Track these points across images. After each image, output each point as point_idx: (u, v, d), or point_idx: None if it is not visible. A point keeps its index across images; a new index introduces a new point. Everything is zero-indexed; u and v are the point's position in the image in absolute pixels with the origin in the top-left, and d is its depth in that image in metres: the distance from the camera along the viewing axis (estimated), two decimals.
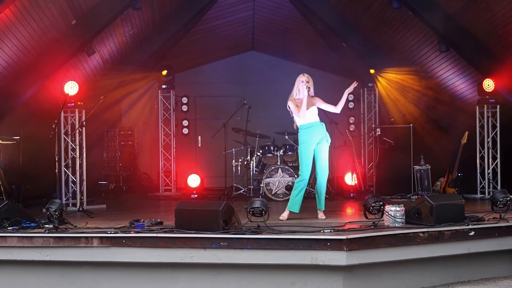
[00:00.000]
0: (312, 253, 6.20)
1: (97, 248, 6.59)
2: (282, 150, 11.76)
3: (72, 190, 10.20)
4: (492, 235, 6.86)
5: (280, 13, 13.66)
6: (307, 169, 8.03)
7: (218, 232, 6.46)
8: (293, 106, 8.03)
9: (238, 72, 15.46)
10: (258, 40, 15.58)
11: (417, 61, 12.77)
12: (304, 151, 8.06)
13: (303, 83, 8.02)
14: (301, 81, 8.06)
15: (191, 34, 13.88)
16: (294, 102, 8.06)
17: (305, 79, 8.06)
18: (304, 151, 8.06)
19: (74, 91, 9.92)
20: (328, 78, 15.00)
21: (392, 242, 6.41)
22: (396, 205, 6.95)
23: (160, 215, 8.55)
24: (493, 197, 7.60)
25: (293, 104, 8.04)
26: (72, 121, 10.26)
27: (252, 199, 6.99)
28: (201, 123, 15.58)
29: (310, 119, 8.04)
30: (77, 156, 10.17)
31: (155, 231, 6.73)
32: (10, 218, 7.06)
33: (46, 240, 6.67)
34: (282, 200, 11.15)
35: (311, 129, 8.04)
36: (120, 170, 14.56)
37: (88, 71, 12.01)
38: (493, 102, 11.27)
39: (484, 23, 10.32)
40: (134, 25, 11.75)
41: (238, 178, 12.50)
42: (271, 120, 12.42)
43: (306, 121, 8.04)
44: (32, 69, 10.11)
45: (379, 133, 12.34)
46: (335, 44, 13.92)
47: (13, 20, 8.78)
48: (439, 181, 11.00)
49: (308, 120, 8.04)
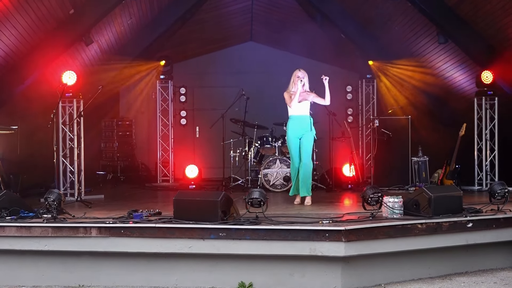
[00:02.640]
0: (311, 244, 6.22)
1: (96, 238, 6.59)
2: (280, 141, 11.75)
3: (70, 180, 10.18)
4: (490, 227, 6.89)
5: (279, 3, 13.62)
6: (295, 157, 8.95)
7: (217, 222, 6.47)
8: (287, 97, 8.93)
9: (236, 63, 15.41)
10: (256, 30, 15.54)
11: (415, 52, 12.75)
12: (289, 140, 9.03)
13: (298, 78, 8.85)
14: (297, 76, 8.89)
15: (189, 24, 13.82)
16: (288, 94, 8.94)
17: (300, 75, 8.90)
18: (289, 140, 9.02)
19: (72, 81, 9.90)
20: (326, 69, 14.94)
21: (391, 233, 6.44)
22: (394, 197, 6.96)
23: (158, 206, 8.54)
24: (491, 188, 7.61)
25: (288, 96, 8.93)
26: (70, 111, 10.23)
27: (250, 190, 6.99)
28: (199, 113, 15.55)
29: (299, 111, 8.91)
30: (75, 146, 10.15)
31: (154, 221, 6.74)
32: (8, 208, 7.06)
33: (44, 230, 6.67)
34: (280, 191, 11.16)
35: (297, 120, 8.92)
36: (118, 160, 14.54)
37: (86, 61, 11.97)
38: (491, 94, 11.26)
39: (483, 15, 10.31)
40: (132, 14, 11.71)
41: (236, 169, 12.49)
42: (269, 111, 12.40)
43: (295, 113, 8.93)
44: (30, 58, 10.07)
45: (377, 124, 12.34)
46: (333, 35, 13.88)
47: (11, 9, 8.74)
48: (436, 173, 11.00)
49: (297, 112, 8.91)
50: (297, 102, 8.82)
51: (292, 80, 8.93)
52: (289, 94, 8.89)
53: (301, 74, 8.88)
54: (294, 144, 8.92)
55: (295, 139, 8.91)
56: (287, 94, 8.93)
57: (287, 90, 8.96)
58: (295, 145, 8.91)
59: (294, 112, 8.91)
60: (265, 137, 11.97)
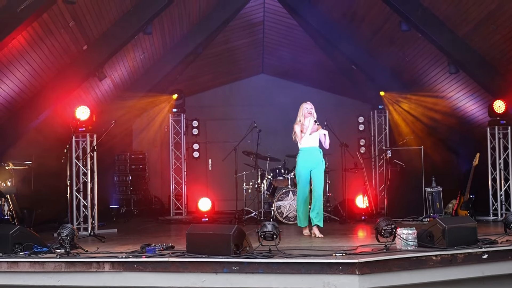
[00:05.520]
0: (324, 277, 6.17)
1: (109, 273, 6.59)
2: (293, 173, 11.67)
3: (83, 215, 10.22)
4: (505, 258, 6.79)
5: (289, 35, 13.73)
6: (304, 188, 8.91)
7: (230, 256, 6.45)
8: (298, 131, 8.88)
9: (248, 95, 15.50)
10: (268, 63, 15.65)
11: (427, 82, 12.77)
12: (299, 172, 8.95)
13: (310, 114, 8.83)
14: (306, 108, 8.89)
15: (201, 58, 13.96)
16: (300, 128, 8.88)
17: (309, 107, 8.88)
18: (299, 172, 8.95)
19: (85, 116, 10.01)
20: (338, 100, 15.05)
21: (405, 266, 6.38)
22: (408, 228, 6.91)
23: (171, 239, 8.55)
24: (506, 219, 7.56)
25: (299, 130, 8.88)
26: (84, 145, 10.31)
27: (263, 223, 6.97)
28: (212, 146, 15.61)
29: (309, 143, 8.88)
30: (89, 181, 10.20)
31: (166, 255, 6.73)
32: (22, 243, 7.10)
33: (57, 265, 6.68)
34: (293, 223, 11.09)
35: (307, 153, 8.89)
36: (131, 193, 14.60)
37: (100, 95, 12.09)
38: (504, 123, 11.23)
39: (494, 45, 10.33)
40: (145, 49, 11.85)
41: (249, 201, 12.48)
42: (281, 143, 12.41)
43: (305, 145, 8.89)
44: (44, 94, 10.18)
45: (389, 155, 12.31)
46: (344, 66, 13.96)
47: (25, 46, 8.89)
48: (451, 203, 10.93)
49: (307, 144, 8.88)
50: (306, 137, 8.82)
51: (301, 112, 8.91)
52: (300, 128, 8.86)
53: (309, 106, 8.88)
54: (304, 175, 8.89)
55: (305, 171, 8.88)
56: (298, 127, 8.88)
57: (297, 123, 8.92)
58: (305, 176, 8.89)
59: (304, 144, 8.89)
60: (278, 169, 11.96)
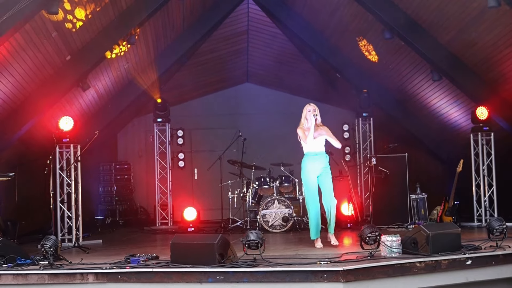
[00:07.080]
0: (309, 285, 6.18)
1: (93, 284, 6.56)
2: (278, 181, 11.75)
3: (67, 226, 10.15)
4: (489, 264, 6.84)
5: (274, 45, 13.76)
6: (314, 196, 8.42)
7: (214, 265, 6.44)
8: (302, 133, 8.39)
9: (233, 104, 15.49)
10: (252, 72, 15.68)
11: (410, 90, 12.85)
12: (306, 179, 8.47)
13: (310, 112, 8.40)
14: (308, 110, 8.44)
15: (186, 68, 13.97)
16: (302, 130, 8.42)
17: (312, 108, 8.43)
18: (306, 179, 8.47)
19: (69, 127, 9.98)
20: (322, 108, 15.01)
21: (389, 273, 6.40)
22: (392, 235, 6.94)
23: (157, 249, 8.51)
24: (489, 225, 7.60)
25: (302, 132, 8.40)
26: (67, 156, 10.26)
27: (247, 232, 6.98)
28: (197, 155, 15.57)
29: (315, 148, 8.44)
30: (73, 192, 10.14)
31: (151, 265, 6.72)
32: (4, 256, 7.06)
33: (41, 277, 6.64)
34: (279, 231, 11.10)
35: (314, 157, 8.44)
36: (116, 204, 14.50)
37: (84, 106, 12.04)
38: (487, 130, 11.29)
39: (476, 52, 10.42)
40: (129, 59, 11.83)
41: (235, 210, 12.45)
42: (267, 151, 12.45)
43: (311, 149, 8.44)
44: (27, 105, 10.10)
45: (374, 162, 12.33)
46: (329, 75, 14.01)
47: (7, 58, 8.83)
48: (435, 210, 10.97)
49: (313, 149, 8.44)
50: (312, 138, 8.32)
51: (303, 116, 8.46)
52: (303, 130, 8.42)
53: (312, 108, 8.42)
54: (312, 182, 8.44)
55: (313, 178, 8.44)
56: (300, 130, 8.42)
57: (300, 126, 8.48)
58: (314, 183, 8.44)
59: (310, 148, 8.43)
60: (263, 178, 11.94)
